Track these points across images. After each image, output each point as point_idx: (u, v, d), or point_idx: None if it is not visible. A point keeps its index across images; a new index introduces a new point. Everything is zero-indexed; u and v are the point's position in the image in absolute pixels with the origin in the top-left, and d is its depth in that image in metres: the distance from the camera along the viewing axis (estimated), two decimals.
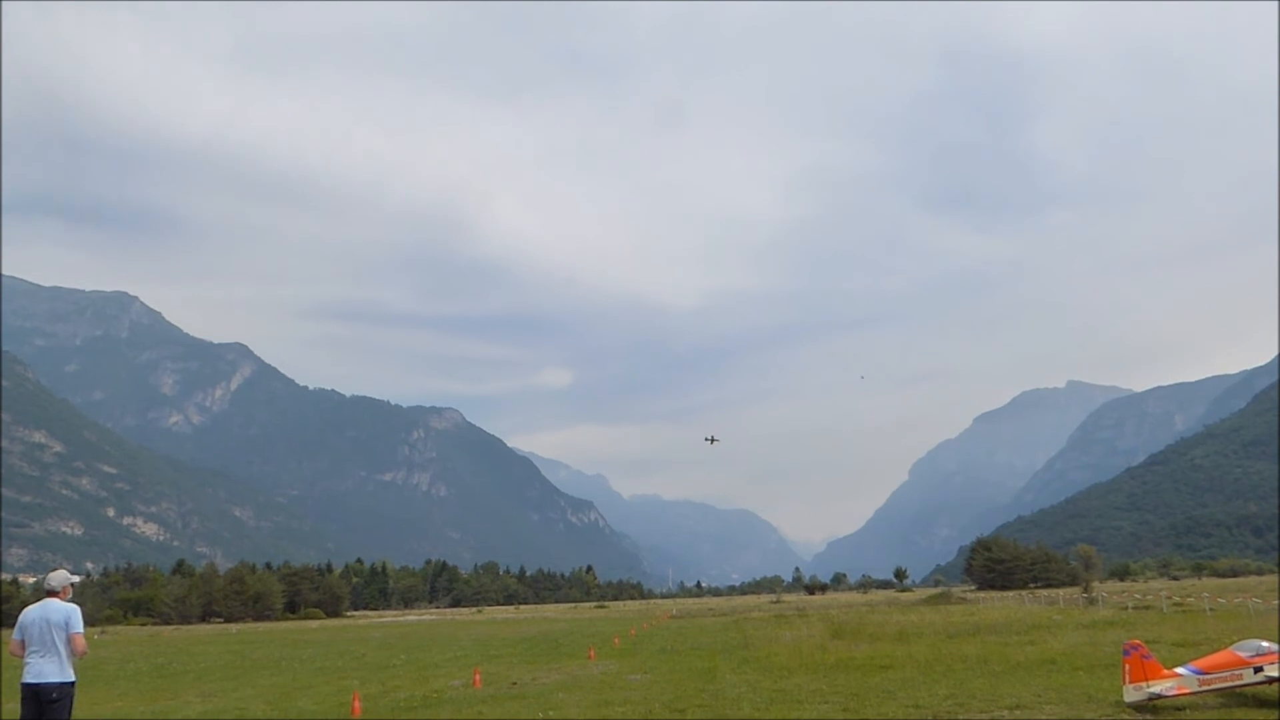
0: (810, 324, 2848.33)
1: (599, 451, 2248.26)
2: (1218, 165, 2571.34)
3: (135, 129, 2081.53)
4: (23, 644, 10.92)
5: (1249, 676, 16.50)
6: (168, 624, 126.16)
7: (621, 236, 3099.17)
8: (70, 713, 11.00)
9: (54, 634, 10.84)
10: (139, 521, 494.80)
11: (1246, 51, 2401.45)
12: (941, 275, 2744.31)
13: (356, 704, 20.64)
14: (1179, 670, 16.70)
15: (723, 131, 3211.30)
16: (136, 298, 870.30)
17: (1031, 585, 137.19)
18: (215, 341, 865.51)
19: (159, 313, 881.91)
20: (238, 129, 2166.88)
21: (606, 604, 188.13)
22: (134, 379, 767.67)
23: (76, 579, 11.93)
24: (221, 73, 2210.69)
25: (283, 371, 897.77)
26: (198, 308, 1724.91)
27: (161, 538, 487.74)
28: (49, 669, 10.76)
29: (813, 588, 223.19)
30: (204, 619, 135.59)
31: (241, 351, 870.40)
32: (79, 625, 10.98)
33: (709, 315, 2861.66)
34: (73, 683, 10.97)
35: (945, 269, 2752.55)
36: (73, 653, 10.89)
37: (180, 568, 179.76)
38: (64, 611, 10.96)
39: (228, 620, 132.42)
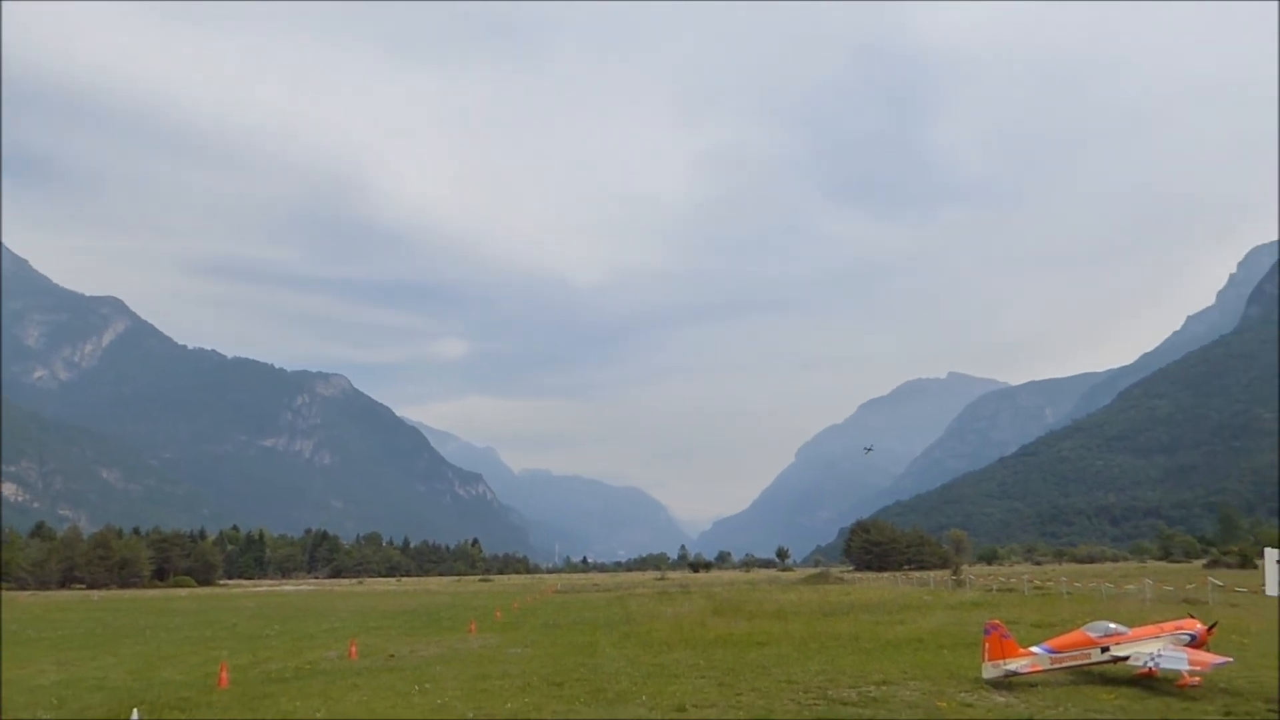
0: (708, 305, 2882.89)
1: (490, 424, 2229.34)
2: (1095, 177, 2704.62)
3: (9, 62, 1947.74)
4: None
5: (1097, 656, 17.79)
6: (24, 589, 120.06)
7: (527, 209, 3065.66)
8: None
9: None
10: None
11: (1136, 70, 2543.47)
12: (838, 263, 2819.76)
13: (224, 674, 20.05)
14: (1033, 649, 17.77)
15: (632, 109, 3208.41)
16: (1, 243, 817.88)
17: (906, 567, 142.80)
18: (87, 294, 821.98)
19: (25, 260, 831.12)
20: (127, 71, 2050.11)
21: (491, 578, 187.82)
22: None
23: None
24: (112, 10, 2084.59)
25: (160, 329, 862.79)
26: (70, 257, 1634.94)
27: (20, 499, 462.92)
28: None
29: (697, 565, 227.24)
30: (64, 585, 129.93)
31: (116, 305, 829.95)
32: None
33: (610, 292, 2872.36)
34: None
35: (841, 257, 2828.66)
36: None
37: (40, 530, 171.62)
38: None
39: (90, 587, 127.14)
